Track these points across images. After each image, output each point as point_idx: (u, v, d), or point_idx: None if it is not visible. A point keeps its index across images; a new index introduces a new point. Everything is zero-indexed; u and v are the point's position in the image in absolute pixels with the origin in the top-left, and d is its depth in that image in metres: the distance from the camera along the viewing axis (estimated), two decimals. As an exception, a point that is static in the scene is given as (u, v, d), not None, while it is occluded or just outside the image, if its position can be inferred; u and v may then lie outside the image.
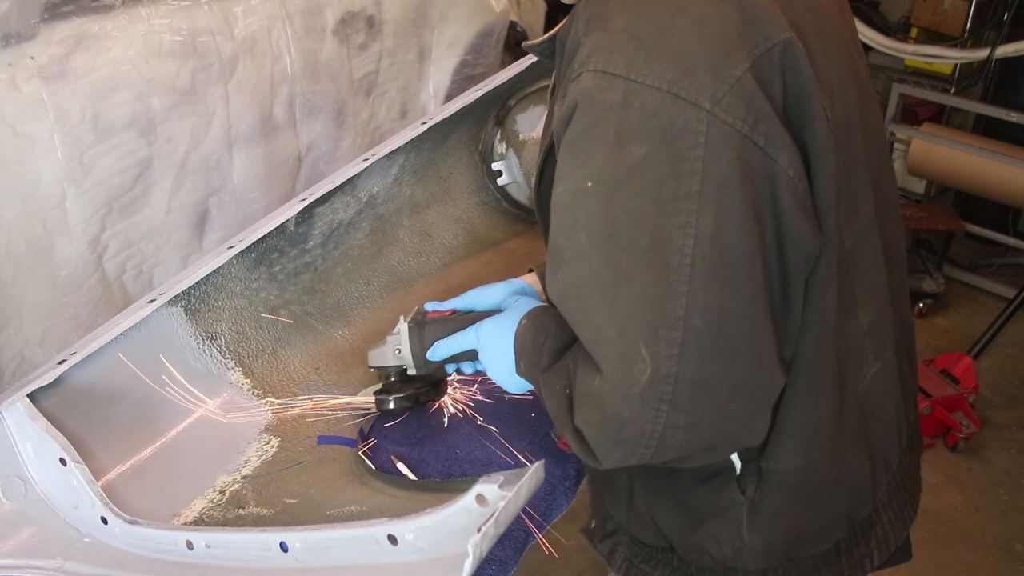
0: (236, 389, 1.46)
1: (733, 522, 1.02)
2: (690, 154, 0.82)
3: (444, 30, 2.72)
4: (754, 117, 0.83)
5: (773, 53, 0.85)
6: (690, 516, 1.05)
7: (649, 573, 1.13)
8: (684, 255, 0.83)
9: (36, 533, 1.21)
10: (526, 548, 1.25)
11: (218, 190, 2.13)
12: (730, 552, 1.04)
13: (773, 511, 1.01)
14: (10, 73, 1.68)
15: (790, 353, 0.95)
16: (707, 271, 0.83)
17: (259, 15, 2.16)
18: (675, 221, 0.82)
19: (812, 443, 0.99)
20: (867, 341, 1.03)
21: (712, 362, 0.85)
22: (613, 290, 0.85)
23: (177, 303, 1.41)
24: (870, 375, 1.05)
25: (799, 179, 0.87)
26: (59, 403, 1.24)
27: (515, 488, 0.88)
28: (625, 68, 0.83)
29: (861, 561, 1.10)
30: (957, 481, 2.93)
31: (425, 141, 1.72)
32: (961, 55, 3.99)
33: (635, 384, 0.85)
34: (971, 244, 4.20)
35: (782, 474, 1.00)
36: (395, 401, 1.37)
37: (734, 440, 0.93)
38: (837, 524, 1.07)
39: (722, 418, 0.88)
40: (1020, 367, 3.49)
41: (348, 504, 1.22)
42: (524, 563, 1.24)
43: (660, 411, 0.85)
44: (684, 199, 0.82)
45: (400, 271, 1.78)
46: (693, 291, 0.83)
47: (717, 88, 0.82)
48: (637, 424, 0.86)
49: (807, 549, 1.06)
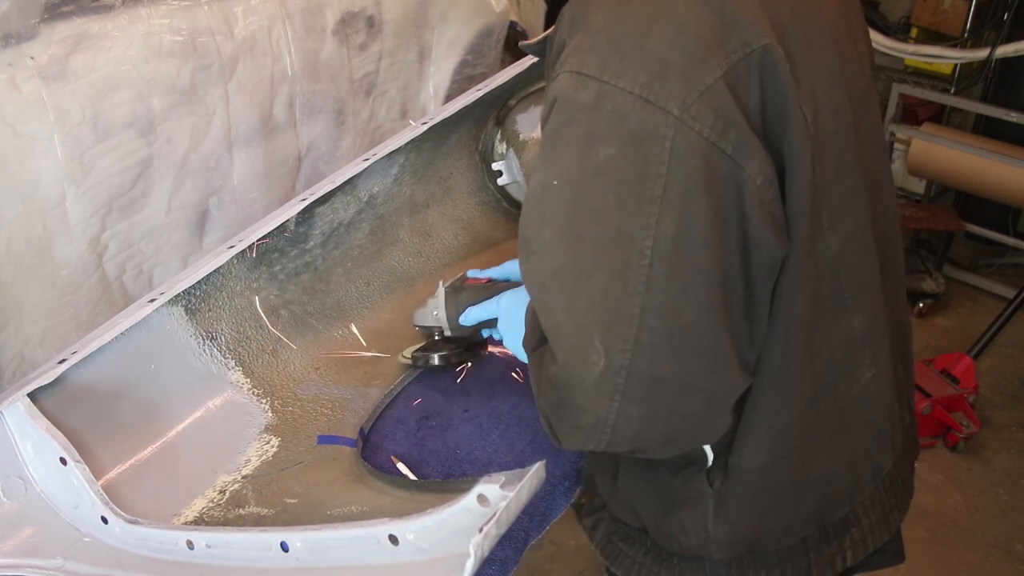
0: (236, 388, 1.46)
1: (700, 513, 1.05)
2: (656, 159, 0.83)
3: (444, 30, 2.72)
4: (723, 125, 0.84)
5: (752, 59, 0.86)
6: (664, 502, 1.09)
7: (625, 551, 1.18)
8: (643, 256, 0.85)
9: (36, 533, 1.21)
10: (526, 548, 1.24)
11: (218, 190, 2.13)
12: (696, 541, 1.06)
13: (738, 506, 1.04)
14: (10, 73, 1.68)
15: (755, 356, 0.96)
16: (665, 273, 0.85)
17: (259, 15, 2.16)
18: (637, 223, 0.84)
19: (777, 444, 1.01)
20: (861, 345, 1.04)
21: (664, 360, 0.87)
22: (573, 285, 0.88)
23: (177, 302, 1.41)
24: (865, 379, 1.05)
25: (767, 187, 0.88)
26: (59, 402, 1.24)
27: (517, 488, 0.89)
28: (599, 70, 0.85)
29: (832, 559, 1.11)
30: (957, 481, 2.93)
31: (425, 141, 1.72)
32: (961, 55, 3.99)
33: (589, 374, 0.88)
34: (971, 244, 4.20)
35: (746, 471, 1.02)
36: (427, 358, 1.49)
37: (691, 435, 0.95)
38: (805, 523, 1.08)
39: (675, 413, 0.91)
40: (1020, 367, 3.49)
41: (349, 504, 1.22)
42: (524, 563, 1.23)
43: (614, 400, 0.89)
44: (647, 202, 0.84)
45: (400, 271, 1.78)
46: (650, 291, 0.85)
47: (687, 95, 0.83)
48: (592, 411, 0.90)
49: (771, 544, 1.08)
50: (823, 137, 0.92)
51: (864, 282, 1.03)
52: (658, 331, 0.86)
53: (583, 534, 1.26)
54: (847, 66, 1.00)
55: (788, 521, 1.07)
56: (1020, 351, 3.58)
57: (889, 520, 1.15)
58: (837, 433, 1.06)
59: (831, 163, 0.94)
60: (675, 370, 0.88)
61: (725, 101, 0.84)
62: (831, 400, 1.03)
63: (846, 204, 0.98)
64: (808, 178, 0.90)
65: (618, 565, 1.18)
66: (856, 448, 1.09)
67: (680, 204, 0.84)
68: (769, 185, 0.88)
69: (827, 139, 0.93)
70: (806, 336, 0.97)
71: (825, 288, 0.97)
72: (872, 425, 1.10)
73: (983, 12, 4.05)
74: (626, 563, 1.17)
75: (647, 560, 1.15)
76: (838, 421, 1.05)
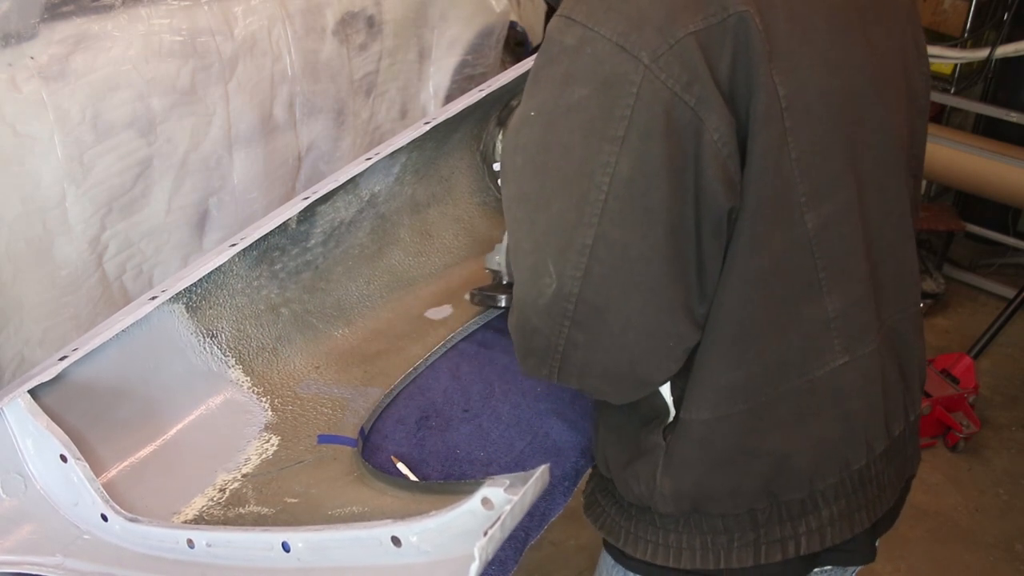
0: (236, 387, 1.46)
1: (652, 464, 1.11)
2: (622, 102, 0.90)
3: (444, 30, 2.72)
4: (688, 78, 0.89)
5: (727, 23, 0.90)
6: (628, 453, 1.15)
7: (599, 502, 1.25)
8: (600, 191, 0.92)
9: (36, 530, 1.21)
10: (526, 548, 1.24)
11: (218, 190, 2.13)
12: (646, 491, 1.12)
13: (682, 459, 1.09)
14: (10, 73, 1.68)
15: (705, 310, 1.00)
16: (618, 209, 0.92)
17: (259, 15, 2.16)
18: (598, 160, 0.91)
19: (720, 401, 1.05)
20: (833, 330, 1.05)
21: (610, 292, 0.95)
22: (534, 209, 0.96)
23: (179, 300, 1.41)
24: (833, 366, 1.07)
25: (723, 143, 0.92)
26: (60, 399, 1.24)
27: (521, 492, 0.89)
28: (585, 17, 0.92)
29: (784, 542, 1.12)
30: (957, 481, 2.93)
31: (427, 141, 1.72)
32: (961, 55, 3.99)
33: (541, 295, 0.98)
34: (971, 244, 4.20)
35: (691, 425, 1.06)
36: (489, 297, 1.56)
37: (632, 375, 1.02)
38: (753, 494, 1.10)
39: (616, 346, 0.98)
40: (1020, 367, 3.49)
41: (350, 504, 1.22)
42: (524, 563, 1.24)
43: (563, 326, 0.98)
44: (609, 141, 0.90)
45: (400, 270, 1.78)
46: (602, 224, 0.92)
47: (659, 46, 0.89)
48: (543, 334, 1.00)
49: (715, 506, 1.11)
50: (803, 115, 0.96)
51: (844, 268, 1.04)
52: (606, 263, 0.94)
53: (583, 534, 1.27)
54: (850, 56, 1.02)
55: (732, 485, 1.09)
56: (1020, 351, 3.58)
57: (853, 519, 1.15)
58: (799, 414, 1.07)
59: (813, 143, 0.97)
60: (619, 304, 0.95)
61: (694, 56, 0.89)
62: (796, 378, 1.05)
63: (832, 188, 1.01)
64: (772, 144, 0.94)
65: (592, 515, 1.26)
66: (820, 436, 1.10)
67: (639, 147, 0.90)
68: (725, 142, 0.92)
69: (809, 118, 0.96)
70: (768, 302, 1.01)
71: (795, 261, 1.00)
72: (844, 419, 1.11)
73: (983, 12, 4.05)
74: (597, 511, 1.25)
75: (612, 510, 1.22)
76: (802, 402, 1.07)
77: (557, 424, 1.41)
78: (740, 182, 0.95)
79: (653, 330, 0.97)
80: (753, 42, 0.91)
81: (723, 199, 0.93)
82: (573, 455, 1.35)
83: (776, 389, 1.05)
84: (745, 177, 0.95)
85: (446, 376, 1.56)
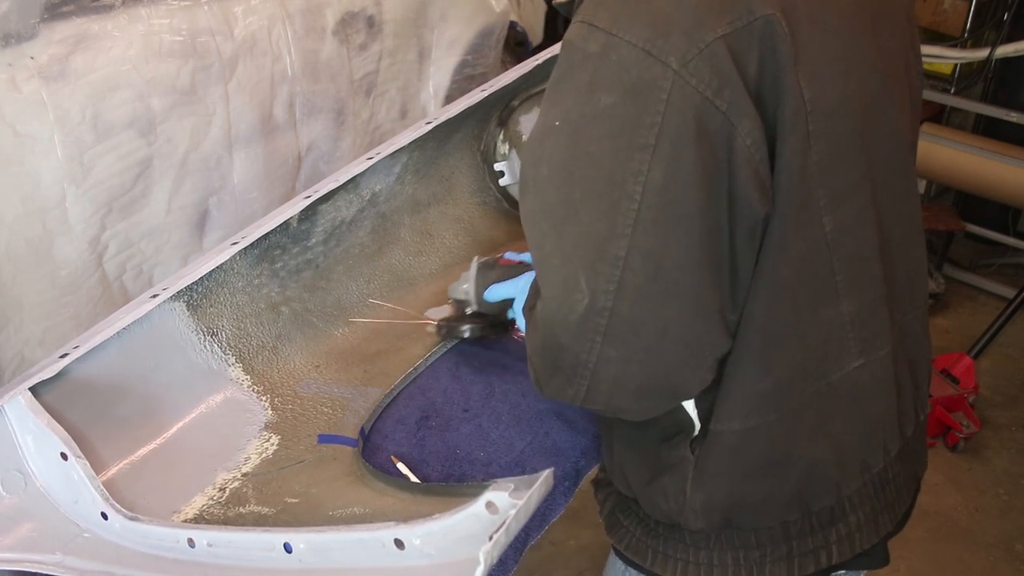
0: (236, 385, 1.46)
1: (680, 478, 1.08)
2: (652, 109, 0.87)
3: (444, 30, 2.72)
4: (719, 83, 0.87)
5: (754, 27, 0.89)
6: (650, 470, 1.12)
7: (622, 522, 1.21)
8: (632, 200, 0.88)
9: (36, 528, 1.21)
10: (526, 548, 1.24)
11: (218, 190, 2.13)
12: (675, 506, 1.09)
13: (713, 471, 1.07)
14: (10, 73, 1.68)
15: (736, 317, 0.98)
16: (652, 219, 0.89)
17: (259, 15, 2.16)
18: (629, 168, 0.88)
19: (751, 410, 1.03)
20: (850, 332, 1.05)
21: (645, 303, 0.91)
22: (563, 222, 0.92)
23: (179, 298, 1.41)
24: (850, 368, 1.06)
25: (756, 148, 0.90)
26: (60, 397, 1.24)
27: (526, 496, 0.89)
28: (608, 23, 0.89)
29: (816, 552, 1.11)
30: (957, 481, 2.93)
31: (428, 141, 1.72)
32: (961, 55, 3.99)
33: (572, 312, 0.93)
34: (971, 244, 4.19)
35: (721, 435, 1.04)
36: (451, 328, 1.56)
37: (666, 388, 0.98)
38: (786, 503, 1.09)
39: (653, 359, 0.94)
40: (1020, 367, 3.49)
41: (351, 505, 1.21)
42: (524, 563, 1.23)
43: (595, 342, 0.93)
44: (640, 149, 0.87)
45: (400, 270, 1.78)
46: (636, 235, 0.89)
47: (687, 51, 0.86)
48: (573, 352, 0.95)
49: (748, 519, 1.09)
50: (825, 119, 0.94)
51: (859, 270, 1.04)
52: (640, 274, 0.90)
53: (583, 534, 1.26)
54: (864, 58, 1.01)
55: (763, 495, 1.08)
56: (1020, 351, 3.58)
57: (878, 523, 1.15)
58: (821, 419, 1.07)
59: (833, 146, 0.96)
60: (656, 315, 0.92)
61: (723, 61, 0.87)
62: (816, 382, 1.05)
63: (849, 191, 1.00)
64: (798, 149, 0.93)
65: (615, 536, 1.22)
66: (842, 439, 1.09)
67: (671, 154, 0.87)
68: (757, 147, 0.90)
69: (830, 122, 0.95)
70: (792, 308, 0.99)
71: (815, 265, 0.99)
72: (862, 422, 1.10)
73: (983, 12, 4.04)
74: (620, 532, 1.21)
75: (638, 531, 1.18)
76: (823, 406, 1.06)
77: (557, 424, 1.41)
78: (771, 187, 0.93)
79: (690, 339, 0.94)
80: (780, 45, 0.89)
81: (758, 205, 0.92)
82: (573, 455, 1.35)
83: (800, 395, 1.04)
84: (774, 183, 0.93)
85: (446, 376, 1.56)
